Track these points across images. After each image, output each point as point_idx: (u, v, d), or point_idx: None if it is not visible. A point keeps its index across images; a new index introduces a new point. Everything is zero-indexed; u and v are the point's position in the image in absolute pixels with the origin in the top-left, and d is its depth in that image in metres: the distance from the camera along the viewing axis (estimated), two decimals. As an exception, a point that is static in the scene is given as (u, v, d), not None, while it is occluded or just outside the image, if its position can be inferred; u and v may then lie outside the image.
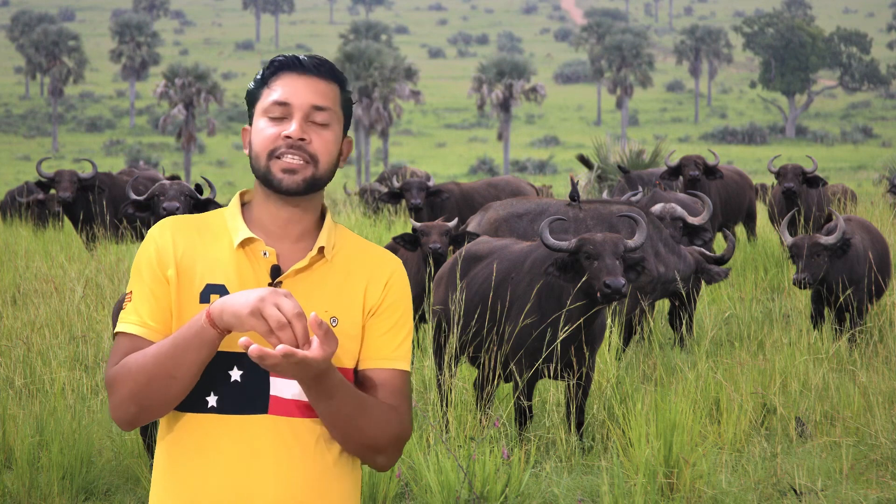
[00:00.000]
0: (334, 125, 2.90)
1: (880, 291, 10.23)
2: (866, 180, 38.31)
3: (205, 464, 2.83)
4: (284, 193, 2.86)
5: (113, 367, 2.82)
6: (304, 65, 2.90)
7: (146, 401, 2.78)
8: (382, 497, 6.63)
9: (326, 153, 2.88)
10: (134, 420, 2.82)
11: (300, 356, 2.63)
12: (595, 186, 20.57)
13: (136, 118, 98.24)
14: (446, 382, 7.88)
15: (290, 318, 2.64)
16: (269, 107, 2.88)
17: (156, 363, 2.75)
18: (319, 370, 2.69)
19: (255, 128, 2.90)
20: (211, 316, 2.71)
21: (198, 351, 2.74)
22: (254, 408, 2.82)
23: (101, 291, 11.11)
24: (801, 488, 6.83)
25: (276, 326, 2.64)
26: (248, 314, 2.65)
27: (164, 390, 2.77)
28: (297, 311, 2.64)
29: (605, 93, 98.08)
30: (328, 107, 2.89)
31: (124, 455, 7.35)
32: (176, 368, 2.75)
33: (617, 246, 7.39)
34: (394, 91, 64.57)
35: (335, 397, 2.77)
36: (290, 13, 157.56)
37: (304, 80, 2.89)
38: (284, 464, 2.83)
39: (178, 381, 2.76)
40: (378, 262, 2.96)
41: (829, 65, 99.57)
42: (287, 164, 2.85)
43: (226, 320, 2.70)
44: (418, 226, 10.22)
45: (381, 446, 2.87)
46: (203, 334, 2.73)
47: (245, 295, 2.68)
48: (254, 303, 2.65)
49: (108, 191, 15.01)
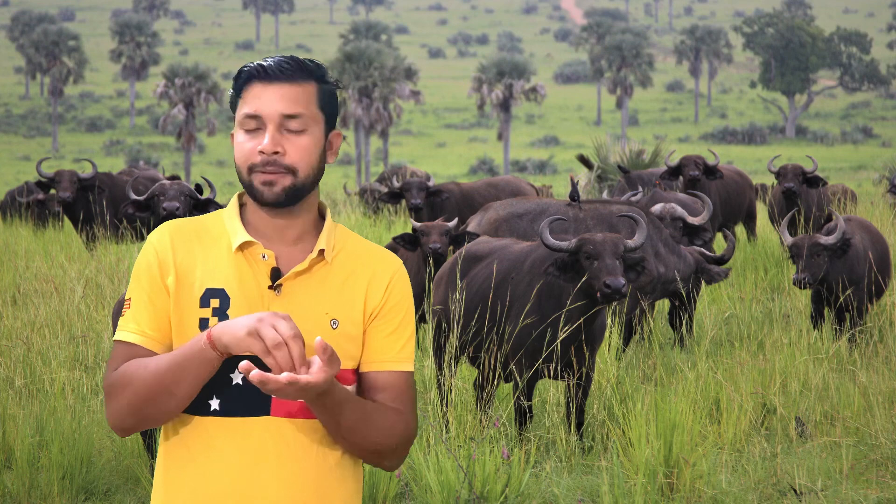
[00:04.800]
0: (311, 128, 2.86)
1: (880, 291, 10.23)
2: (866, 180, 38.31)
3: (207, 466, 2.83)
4: (268, 206, 2.86)
5: (111, 375, 2.82)
6: (269, 72, 2.84)
7: (143, 413, 2.80)
8: (382, 497, 6.63)
9: (304, 160, 2.84)
10: (130, 429, 2.84)
11: (303, 382, 2.63)
12: (595, 186, 20.57)
13: (136, 118, 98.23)
14: (446, 382, 7.88)
15: (287, 339, 2.65)
16: (242, 119, 2.85)
17: (155, 379, 2.77)
18: (321, 391, 2.69)
19: (235, 140, 2.89)
20: (211, 338, 2.73)
21: (197, 371, 2.76)
22: (256, 410, 2.82)
23: (101, 291, 11.11)
24: (801, 488, 6.83)
25: (273, 346, 2.65)
26: (246, 334, 2.67)
27: (163, 405, 2.79)
28: (294, 332, 2.65)
29: (605, 93, 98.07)
30: (300, 112, 2.84)
31: (124, 455, 7.35)
32: (175, 386, 2.76)
33: (617, 246, 7.39)
34: (394, 91, 64.53)
35: (339, 412, 2.77)
36: (290, 13, 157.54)
37: (273, 88, 2.83)
38: (287, 465, 2.83)
39: (177, 398, 2.78)
40: (379, 263, 2.94)
41: (829, 65, 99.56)
42: (265, 177, 2.83)
43: (224, 341, 2.71)
44: (418, 226, 10.22)
45: (387, 451, 2.87)
46: (203, 355, 2.74)
47: (245, 317, 2.70)
48: (252, 323, 2.67)
49: (108, 191, 15.00)
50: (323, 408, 2.75)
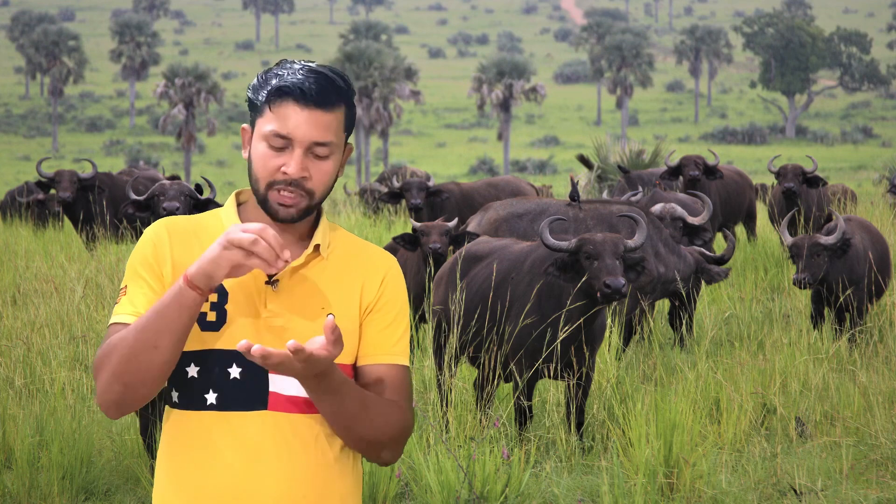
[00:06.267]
0: (335, 153, 2.87)
1: (880, 291, 10.23)
2: (866, 180, 38.31)
3: (206, 461, 2.83)
4: (279, 221, 2.87)
5: (98, 351, 2.81)
6: (307, 96, 2.82)
7: (130, 376, 2.75)
8: (382, 497, 6.63)
9: (323, 184, 2.87)
10: (120, 401, 2.78)
11: (308, 352, 2.63)
12: (595, 186, 20.57)
13: (136, 118, 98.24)
14: (446, 382, 7.88)
15: (258, 232, 2.67)
16: (268, 135, 2.83)
17: (137, 335, 2.74)
18: (321, 369, 2.69)
19: (254, 148, 2.87)
20: (188, 277, 2.71)
21: (178, 315, 2.73)
22: (253, 404, 2.83)
23: (101, 291, 11.11)
24: (801, 488, 6.83)
25: (249, 244, 2.66)
26: (222, 249, 2.68)
27: (148, 363, 2.74)
28: (262, 225, 2.68)
29: (605, 93, 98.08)
30: (330, 141, 2.85)
31: (124, 455, 7.35)
32: (158, 337, 2.73)
33: (617, 246, 7.39)
34: (394, 91, 64.56)
35: (337, 395, 2.78)
36: (290, 13, 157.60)
37: (307, 113, 2.82)
38: (285, 460, 2.83)
39: (161, 352, 2.74)
40: (373, 260, 2.97)
41: (829, 65, 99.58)
42: (284, 198, 2.83)
43: (204, 270, 2.70)
44: (418, 226, 10.22)
45: (385, 442, 2.87)
46: (182, 298, 2.72)
47: (212, 244, 2.72)
48: (221, 240, 2.69)
49: (108, 191, 15.01)
50: (323, 392, 2.75)
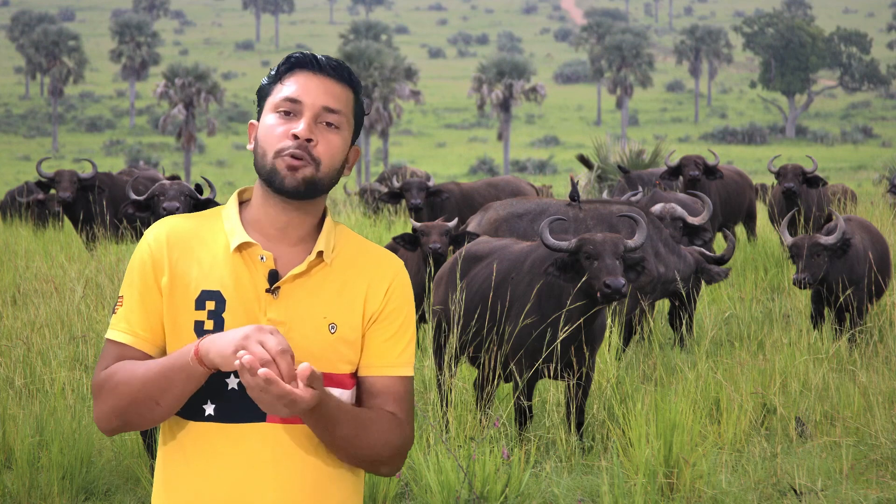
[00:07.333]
0: (343, 129, 2.85)
1: (880, 291, 10.23)
2: (866, 180, 38.30)
3: (204, 472, 2.80)
4: (286, 194, 2.80)
5: (99, 375, 2.80)
6: (320, 64, 2.84)
7: (129, 417, 2.78)
8: (382, 497, 6.63)
9: (330, 157, 2.82)
10: (116, 430, 2.82)
11: (285, 389, 2.59)
12: (595, 186, 20.57)
13: (136, 118, 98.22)
14: (446, 382, 7.88)
15: (275, 355, 2.60)
16: (279, 102, 2.82)
17: (142, 387, 2.74)
18: (308, 406, 2.65)
19: (262, 123, 2.84)
20: (199, 353, 2.69)
21: (184, 384, 2.73)
22: (252, 416, 2.78)
23: (101, 291, 11.10)
24: (801, 488, 6.83)
25: (260, 363, 2.60)
26: (233, 352, 2.63)
27: (148, 413, 2.77)
28: (281, 348, 2.61)
29: (605, 93, 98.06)
30: (339, 109, 2.83)
31: (124, 455, 7.34)
32: (161, 396, 2.74)
33: (617, 246, 7.39)
34: (394, 91, 64.55)
35: (333, 424, 2.74)
36: (290, 13, 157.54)
37: (319, 79, 2.83)
38: (283, 471, 2.79)
39: (162, 408, 2.76)
40: (379, 266, 2.90)
41: (829, 65, 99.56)
42: (291, 162, 2.78)
43: (212, 358, 2.68)
44: (418, 226, 10.22)
45: (383, 459, 2.84)
46: (190, 370, 2.71)
47: (232, 333, 2.66)
48: (238, 341, 2.63)
49: (108, 191, 15.01)
50: (316, 421, 2.72)
